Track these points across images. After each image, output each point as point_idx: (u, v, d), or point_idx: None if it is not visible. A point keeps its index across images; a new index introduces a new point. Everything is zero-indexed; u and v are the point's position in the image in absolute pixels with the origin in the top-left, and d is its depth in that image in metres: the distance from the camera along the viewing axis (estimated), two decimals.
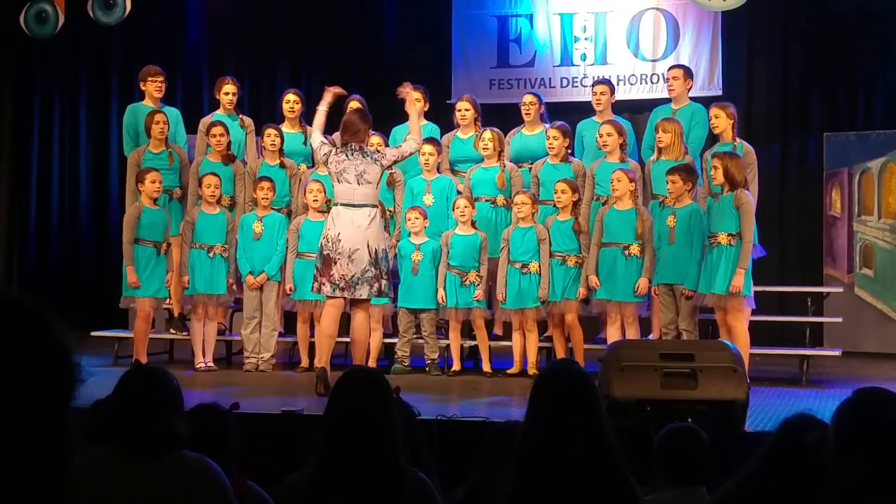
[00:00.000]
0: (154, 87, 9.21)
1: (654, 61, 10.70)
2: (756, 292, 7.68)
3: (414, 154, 7.83)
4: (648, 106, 9.68)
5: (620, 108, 9.58)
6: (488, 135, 8.58)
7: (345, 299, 7.35)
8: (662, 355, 5.81)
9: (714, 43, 10.60)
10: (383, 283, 7.33)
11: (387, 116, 9.24)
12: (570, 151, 8.60)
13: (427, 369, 8.38)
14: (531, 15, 11.02)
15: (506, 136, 8.84)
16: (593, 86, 9.17)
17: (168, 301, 8.83)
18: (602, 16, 10.85)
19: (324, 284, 7.32)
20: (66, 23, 10.45)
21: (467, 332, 8.60)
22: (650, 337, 8.18)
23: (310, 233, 8.29)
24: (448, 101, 10.21)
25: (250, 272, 8.51)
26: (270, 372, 8.44)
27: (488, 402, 7.10)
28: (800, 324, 8.91)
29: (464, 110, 8.94)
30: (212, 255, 8.48)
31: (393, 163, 7.62)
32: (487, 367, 8.26)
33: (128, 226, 8.39)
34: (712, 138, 8.47)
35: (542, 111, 8.94)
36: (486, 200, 8.61)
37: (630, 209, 7.95)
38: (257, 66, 11.81)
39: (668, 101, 8.95)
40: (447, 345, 8.48)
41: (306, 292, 8.15)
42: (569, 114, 9.62)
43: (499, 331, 8.75)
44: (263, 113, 10.50)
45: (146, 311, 8.38)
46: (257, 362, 8.48)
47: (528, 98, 8.96)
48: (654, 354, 5.83)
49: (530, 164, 8.73)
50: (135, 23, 10.90)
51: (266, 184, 8.55)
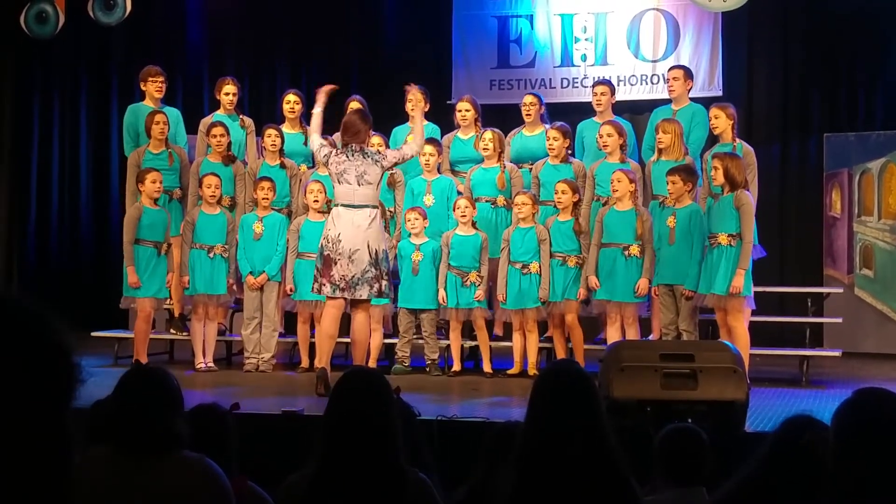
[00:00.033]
0: (154, 87, 9.21)
1: (654, 62, 10.70)
2: (756, 293, 7.68)
3: (415, 157, 7.86)
4: (649, 106, 9.68)
5: (621, 108, 9.57)
6: (489, 135, 8.58)
7: (345, 300, 7.35)
8: (662, 356, 5.81)
9: (714, 43, 10.60)
10: (383, 283, 7.32)
11: (387, 117, 9.25)
12: (570, 152, 8.60)
13: (427, 370, 8.38)
14: (531, 15, 11.02)
15: (506, 136, 8.84)
16: (594, 86, 9.17)
17: (169, 301, 8.84)
18: (602, 16, 10.85)
19: (324, 285, 7.31)
20: (66, 23, 10.45)
21: (467, 332, 8.60)
22: (650, 337, 8.18)
23: (310, 233, 8.29)
24: (448, 102, 10.20)
25: (251, 272, 8.51)
26: (271, 372, 8.44)
27: (488, 402, 7.09)
28: (800, 324, 8.92)
29: (464, 111, 8.94)
30: (212, 255, 8.48)
31: (393, 165, 7.63)
32: (488, 367, 8.26)
33: (128, 226, 8.39)
34: (712, 139, 8.46)
35: (542, 112, 8.94)
36: (487, 201, 8.61)
37: (630, 210, 7.95)
38: (257, 67, 11.81)
39: (669, 101, 8.95)
40: (447, 345, 8.47)
41: (307, 293, 8.15)
42: (569, 114, 9.62)
43: (499, 331, 8.74)
44: (264, 113, 10.49)
45: (147, 311, 8.38)
46: (257, 363, 8.48)
47: (529, 99, 8.95)
48: (654, 355, 5.83)
49: (530, 164, 8.73)
50: (135, 23, 10.90)
51: (266, 184, 8.55)
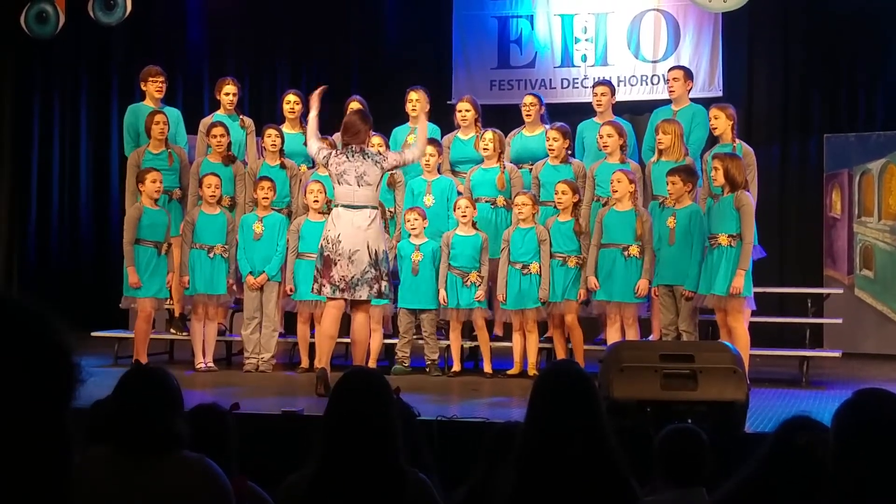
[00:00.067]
0: (154, 87, 9.20)
1: (654, 62, 10.70)
2: (756, 293, 7.68)
3: (416, 162, 7.90)
4: (649, 107, 9.68)
5: (621, 109, 9.57)
6: (489, 136, 8.58)
7: (345, 300, 7.35)
8: (662, 356, 5.81)
9: (714, 44, 10.59)
10: (383, 284, 7.32)
11: (387, 117, 9.25)
12: (570, 152, 8.59)
13: (427, 370, 8.37)
14: (532, 16, 11.02)
15: (506, 137, 8.84)
16: (594, 87, 9.17)
17: (169, 301, 8.84)
18: (603, 17, 10.84)
19: (324, 286, 7.31)
20: (66, 23, 10.44)
21: (467, 332, 8.60)
22: (650, 338, 8.18)
23: (310, 233, 8.29)
24: (448, 102, 10.21)
25: (251, 272, 8.51)
26: (270, 372, 8.44)
27: (488, 402, 7.09)
28: (800, 325, 8.91)
29: (464, 111, 8.93)
30: (212, 255, 8.48)
31: (393, 168, 7.66)
32: (489, 367, 8.25)
33: (129, 226, 8.39)
34: (712, 139, 8.46)
35: (542, 112, 8.94)
36: (486, 201, 8.61)
37: (630, 210, 7.95)
38: (258, 67, 11.81)
39: (669, 102, 8.95)
40: (447, 345, 8.47)
41: (307, 293, 8.15)
42: (569, 115, 9.62)
43: (499, 331, 8.74)
44: (264, 113, 10.50)
45: (147, 311, 8.38)
46: (257, 363, 8.48)
47: (529, 99, 8.95)
48: (654, 355, 5.83)
49: (530, 165, 8.73)
50: (135, 23, 10.89)
51: (266, 184, 8.55)
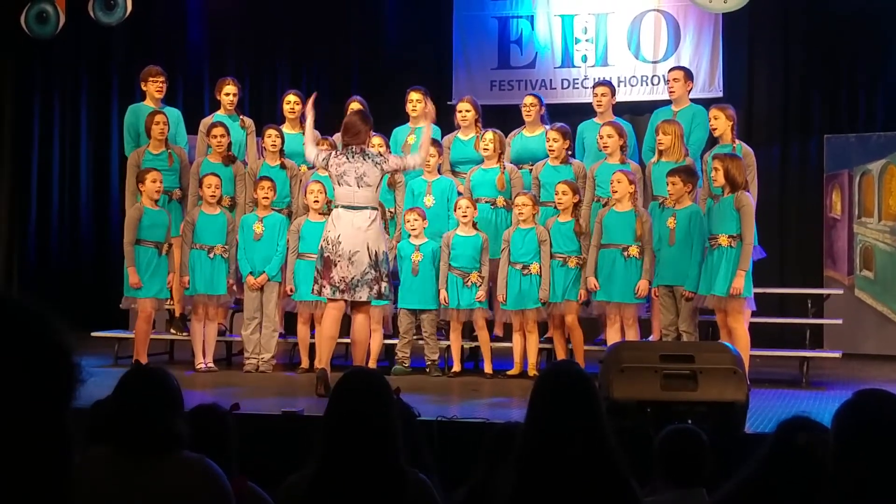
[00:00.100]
0: (155, 87, 9.20)
1: (654, 63, 10.70)
2: (756, 294, 7.68)
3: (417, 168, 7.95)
4: (649, 107, 9.69)
5: (621, 109, 9.57)
6: (489, 136, 8.58)
7: (345, 301, 7.35)
8: (662, 357, 5.81)
9: (715, 44, 10.60)
10: (383, 285, 7.32)
11: (387, 117, 9.25)
12: (570, 153, 8.59)
13: (427, 370, 8.37)
14: (532, 16, 11.02)
15: (506, 137, 8.83)
16: (594, 87, 9.17)
17: (169, 302, 8.83)
18: (603, 17, 10.84)
19: (324, 287, 7.31)
20: (66, 23, 10.45)
21: (468, 333, 8.60)
22: (650, 338, 8.18)
23: (310, 234, 8.29)
24: (449, 103, 10.21)
25: (251, 273, 8.51)
26: (271, 373, 8.43)
27: (488, 403, 7.09)
28: (800, 325, 8.91)
29: (464, 111, 8.93)
30: (212, 255, 8.48)
31: (394, 171, 7.69)
32: (489, 368, 8.25)
33: (129, 227, 8.39)
34: (712, 140, 8.46)
35: (542, 112, 8.94)
36: (486, 202, 8.60)
37: (629, 211, 7.95)
38: (258, 67, 11.82)
39: (669, 102, 8.95)
40: (447, 346, 8.47)
41: (307, 293, 8.14)
42: (569, 115, 9.63)
43: (499, 332, 8.74)
44: (264, 113, 10.49)
45: (148, 311, 8.38)
46: (257, 363, 8.47)
47: (529, 99, 8.95)
48: (654, 356, 5.83)
49: (531, 165, 8.73)
50: (135, 23, 10.90)
51: (266, 184, 8.55)
